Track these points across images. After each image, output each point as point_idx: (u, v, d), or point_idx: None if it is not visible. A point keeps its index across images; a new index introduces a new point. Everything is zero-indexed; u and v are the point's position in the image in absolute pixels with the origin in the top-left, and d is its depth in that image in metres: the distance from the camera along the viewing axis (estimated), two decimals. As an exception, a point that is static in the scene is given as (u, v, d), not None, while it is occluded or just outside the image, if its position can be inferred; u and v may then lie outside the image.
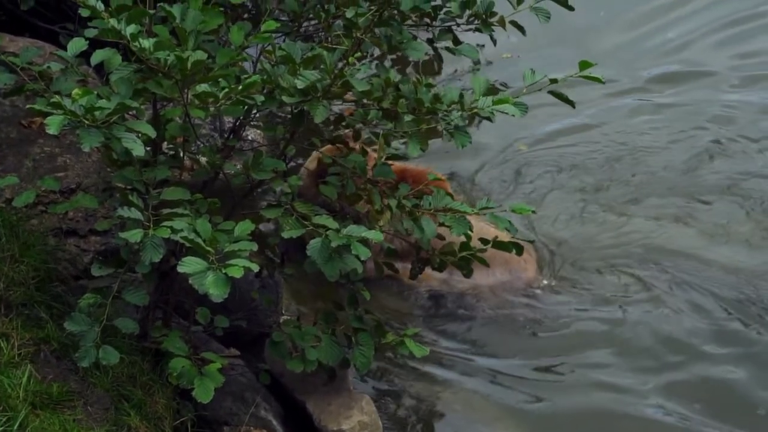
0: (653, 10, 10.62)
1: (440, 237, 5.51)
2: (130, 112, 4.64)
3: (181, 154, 5.20)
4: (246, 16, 5.98)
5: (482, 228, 6.32)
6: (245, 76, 4.82)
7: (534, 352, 6.89)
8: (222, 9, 4.82)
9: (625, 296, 7.30)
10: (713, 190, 8.35)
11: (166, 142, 5.19)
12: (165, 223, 4.55)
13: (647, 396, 6.55)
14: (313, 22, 6.40)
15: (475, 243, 5.54)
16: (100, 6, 4.60)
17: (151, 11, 4.83)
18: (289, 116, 5.34)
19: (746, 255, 7.67)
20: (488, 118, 5.04)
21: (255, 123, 6.70)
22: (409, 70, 9.08)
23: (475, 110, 5.00)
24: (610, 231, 7.94)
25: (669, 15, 10.59)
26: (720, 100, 9.44)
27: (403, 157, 5.56)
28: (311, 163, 6.92)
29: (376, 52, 6.29)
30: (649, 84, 9.66)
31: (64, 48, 5.19)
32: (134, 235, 4.53)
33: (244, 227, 4.63)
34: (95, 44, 4.94)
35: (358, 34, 5.09)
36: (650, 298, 7.27)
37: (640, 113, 9.28)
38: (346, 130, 5.69)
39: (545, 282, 7.36)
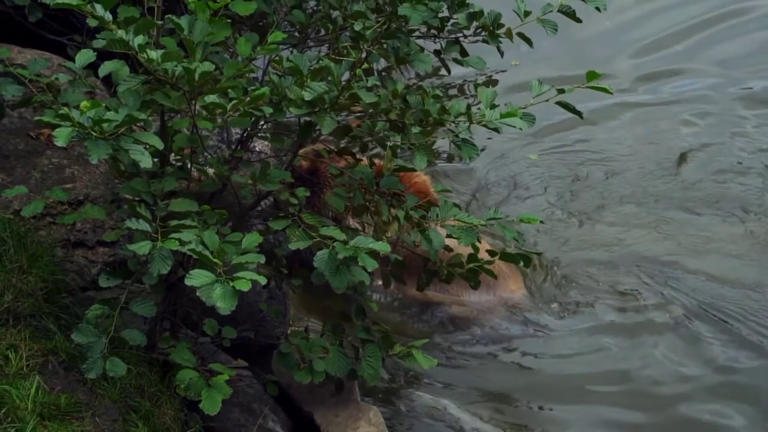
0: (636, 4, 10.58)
1: (448, 248, 5.51)
2: (138, 124, 4.65)
3: (189, 166, 5.21)
4: (245, 29, 5.98)
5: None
6: (253, 87, 4.83)
7: (535, 372, 6.84)
8: (229, 21, 4.83)
9: (621, 320, 7.17)
10: (705, 198, 8.25)
11: (173, 154, 5.20)
12: (173, 235, 4.55)
13: None
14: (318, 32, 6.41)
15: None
16: (108, 17, 4.61)
17: (159, 22, 4.84)
18: (297, 127, 5.35)
19: (741, 267, 7.58)
20: (496, 130, 5.05)
21: (262, 134, 6.71)
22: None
23: (483, 122, 5.00)
24: (601, 244, 7.85)
25: (647, 10, 10.53)
26: (703, 100, 9.41)
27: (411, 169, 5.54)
28: None
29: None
30: (634, 83, 9.62)
31: (72, 59, 5.20)
32: (142, 248, 4.53)
33: (252, 239, 4.63)
34: (103, 56, 4.95)
35: (366, 47, 5.09)
36: (646, 321, 7.14)
37: (625, 113, 9.23)
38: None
39: (553, 306, 7.28)
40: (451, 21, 6.05)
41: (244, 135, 5.52)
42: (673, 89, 9.61)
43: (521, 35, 5.98)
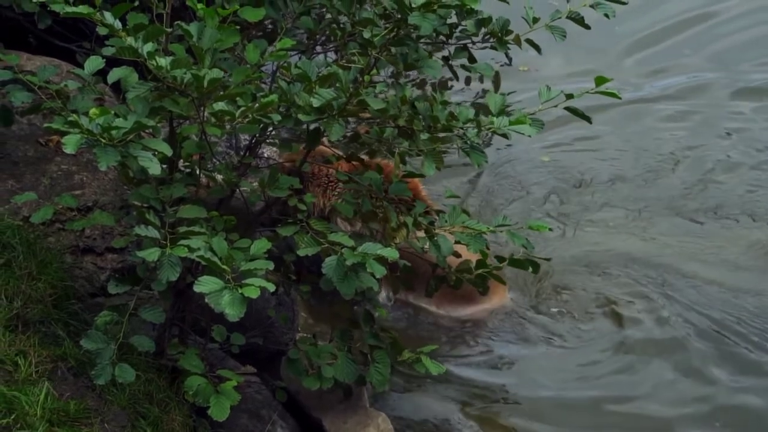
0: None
1: (456, 254, 5.51)
2: (147, 131, 4.66)
3: (198, 172, 5.21)
4: (259, 34, 5.99)
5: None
6: (261, 94, 4.84)
7: (535, 388, 6.72)
8: (238, 27, 4.84)
9: (620, 335, 7.00)
10: (703, 201, 8.15)
11: (182, 160, 5.20)
12: (182, 242, 4.55)
13: None
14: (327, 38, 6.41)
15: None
16: (118, 25, 4.62)
17: (168, 29, 4.84)
18: (305, 134, 5.35)
19: (743, 275, 7.42)
20: (504, 136, 5.05)
21: (271, 140, 6.72)
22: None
23: (492, 129, 5.00)
24: (598, 249, 7.71)
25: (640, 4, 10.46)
26: (694, 97, 9.37)
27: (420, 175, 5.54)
28: None
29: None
30: (630, 79, 9.57)
31: (81, 66, 5.21)
32: (151, 254, 4.54)
33: (260, 245, 4.63)
34: (112, 63, 4.96)
35: (374, 53, 5.10)
36: (645, 337, 6.96)
37: (623, 110, 9.15)
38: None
39: (555, 310, 7.20)
40: (460, 28, 6.05)
41: (253, 141, 5.53)
42: (671, 85, 9.57)
43: (530, 41, 5.98)
